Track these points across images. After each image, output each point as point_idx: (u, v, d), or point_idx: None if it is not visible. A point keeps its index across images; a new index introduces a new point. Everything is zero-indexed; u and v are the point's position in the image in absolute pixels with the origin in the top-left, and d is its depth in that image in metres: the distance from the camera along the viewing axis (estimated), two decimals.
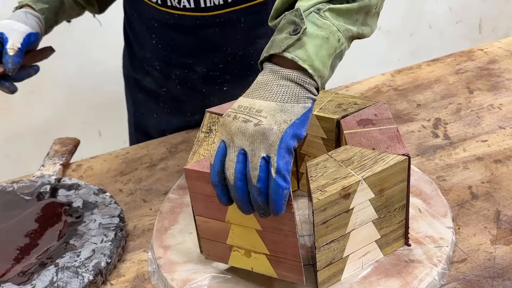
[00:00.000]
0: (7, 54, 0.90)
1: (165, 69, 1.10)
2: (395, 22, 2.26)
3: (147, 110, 1.17)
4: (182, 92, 1.11)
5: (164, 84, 1.12)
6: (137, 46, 1.13)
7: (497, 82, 1.15)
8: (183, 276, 0.77)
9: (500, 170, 0.92)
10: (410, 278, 0.73)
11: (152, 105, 1.16)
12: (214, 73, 1.08)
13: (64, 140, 1.08)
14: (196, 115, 1.13)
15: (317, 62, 0.65)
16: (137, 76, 1.16)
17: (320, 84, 0.66)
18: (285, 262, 0.71)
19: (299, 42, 0.64)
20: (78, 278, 0.78)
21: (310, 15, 0.66)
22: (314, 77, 0.65)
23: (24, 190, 0.95)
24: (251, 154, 0.61)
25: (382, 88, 1.17)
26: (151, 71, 1.12)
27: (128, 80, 1.21)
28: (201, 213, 0.74)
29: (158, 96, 1.14)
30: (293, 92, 0.64)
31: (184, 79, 1.10)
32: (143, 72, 1.14)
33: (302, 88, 0.64)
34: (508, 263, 0.77)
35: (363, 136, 0.78)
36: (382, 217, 0.74)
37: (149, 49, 1.10)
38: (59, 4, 1.02)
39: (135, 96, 1.19)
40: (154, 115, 1.17)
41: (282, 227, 0.68)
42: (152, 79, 1.13)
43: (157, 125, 1.17)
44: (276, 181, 0.61)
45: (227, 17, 1.01)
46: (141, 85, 1.16)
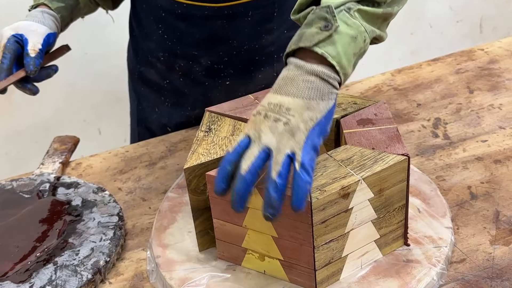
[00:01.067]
0: (28, 55, 0.90)
1: (169, 60, 1.10)
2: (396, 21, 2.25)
3: (149, 104, 1.18)
4: (185, 84, 1.12)
5: (168, 76, 1.12)
6: (142, 37, 1.13)
7: (497, 82, 1.14)
8: (181, 275, 0.77)
9: (499, 170, 0.92)
10: (409, 278, 0.73)
11: (154, 98, 1.16)
12: (218, 66, 1.08)
13: (63, 138, 1.08)
14: (196, 109, 1.13)
15: (344, 60, 0.67)
16: (141, 69, 1.16)
17: (343, 81, 0.68)
18: (298, 269, 0.72)
19: (330, 39, 0.66)
20: (77, 277, 0.78)
21: (341, 13, 0.68)
22: (339, 74, 0.67)
23: (23, 188, 0.95)
24: (276, 151, 0.62)
25: (382, 88, 1.16)
26: (155, 63, 1.13)
27: (132, 73, 1.21)
28: (219, 216, 0.75)
29: (161, 89, 1.15)
30: (318, 88, 0.65)
31: (188, 70, 1.10)
32: (147, 64, 1.14)
33: (326, 84, 0.66)
34: (507, 264, 0.77)
35: (362, 136, 0.78)
36: (381, 217, 0.74)
37: (155, 40, 1.10)
38: (75, 3, 1.02)
39: (138, 89, 1.19)
40: (156, 109, 1.17)
41: (297, 236, 0.70)
42: (155, 71, 1.13)
43: (158, 119, 1.17)
44: (299, 174, 0.61)
45: (235, 10, 1.02)
46: (144, 78, 1.16)
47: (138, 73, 1.17)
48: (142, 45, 1.14)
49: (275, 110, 0.64)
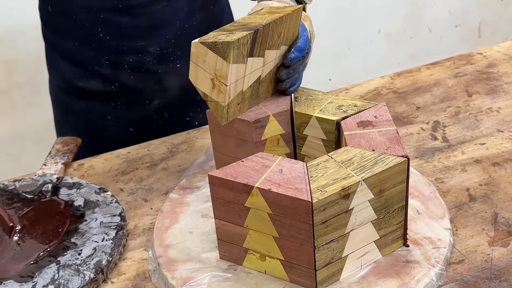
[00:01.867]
0: None
1: (116, 60, 1.09)
2: (395, 25, 2.27)
3: (98, 115, 1.14)
4: (137, 80, 1.10)
5: (116, 78, 1.10)
6: (73, 51, 1.09)
7: (495, 86, 1.16)
8: (183, 275, 0.78)
9: (498, 172, 0.93)
10: (408, 278, 0.74)
11: (102, 108, 1.13)
12: (167, 49, 1.09)
13: (66, 139, 1.09)
14: (154, 101, 1.13)
15: None
16: (79, 84, 1.12)
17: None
18: (299, 269, 0.73)
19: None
20: (79, 276, 0.79)
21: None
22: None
23: (26, 189, 0.96)
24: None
25: (381, 91, 1.18)
26: (98, 71, 1.10)
27: (66, 91, 1.14)
28: (221, 217, 0.76)
29: (108, 96, 1.12)
30: None
31: (138, 64, 1.09)
32: (85, 76, 1.11)
33: None
34: (505, 265, 0.78)
35: (363, 138, 0.78)
36: (381, 218, 0.75)
37: (94, 47, 1.08)
38: None
39: (78, 108, 1.14)
40: (108, 116, 1.14)
41: (298, 236, 0.71)
42: (98, 80, 1.10)
43: (115, 124, 1.14)
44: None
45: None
46: (84, 92, 1.12)
47: (76, 90, 1.12)
48: (75, 59, 1.10)
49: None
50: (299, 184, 0.71)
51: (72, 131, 1.18)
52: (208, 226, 0.85)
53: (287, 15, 0.82)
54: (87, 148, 1.13)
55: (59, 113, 1.21)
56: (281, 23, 0.82)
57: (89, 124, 1.16)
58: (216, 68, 0.77)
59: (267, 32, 0.80)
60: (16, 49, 1.77)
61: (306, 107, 0.87)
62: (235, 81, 0.80)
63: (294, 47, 0.86)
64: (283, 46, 0.85)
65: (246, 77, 0.81)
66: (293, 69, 0.87)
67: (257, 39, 0.79)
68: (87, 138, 1.14)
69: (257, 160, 0.76)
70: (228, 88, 0.78)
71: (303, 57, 0.86)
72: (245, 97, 0.84)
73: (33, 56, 1.79)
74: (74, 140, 1.09)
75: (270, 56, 0.84)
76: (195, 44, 0.78)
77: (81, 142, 1.10)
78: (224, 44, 0.76)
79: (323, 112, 0.85)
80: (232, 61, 0.76)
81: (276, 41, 0.83)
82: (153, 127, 1.16)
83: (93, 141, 1.16)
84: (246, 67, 0.80)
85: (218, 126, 0.87)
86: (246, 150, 0.86)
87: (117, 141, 1.13)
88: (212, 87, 0.80)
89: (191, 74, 0.81)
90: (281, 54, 0.86)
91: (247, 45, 0.78)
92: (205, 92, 0.81)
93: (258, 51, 0.80)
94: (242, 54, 0.78)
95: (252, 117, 0.85)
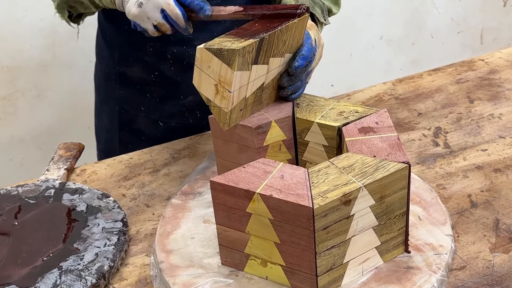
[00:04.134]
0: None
1: (160, 49, 1.10)
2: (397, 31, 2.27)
3: (133, 105, 1.17)
4: (176, 72, 1.11)
5: (157, 67, 1.11)
6: (122, 34, 1.12)
7: (497, 92, 1.16)
8: (184, 280, 0.78)
9: (499, 179, 0.93)
10: (409, 284, 0.74)
11: (139, 98, 1.15)
12: None
13: (68, 145, 1.09)
14: (189, 97, 1.13)
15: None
16: (122, 69, 1.15)
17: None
18: (300, 274, 0.73)
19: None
20: (81, 281, 0.79)
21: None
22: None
23: (28, 194, 0.96)
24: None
25: (383, 97, 1.18)
26: (141, 57, 1.12)
27: (108, 79, 1.18)
28: (222, 222, 0.77)
29: (146, 86, 1.14)
30: None
31: (180, 56, 1.10)
32: (128, 63, 1.13)
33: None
34: (507, 271, 0.78)
35: (364, 144, 0.79)
36: (382, 224, 0.75)
37: (141, 32, 1.07)
38: None
39: (116, 94, 1.17)
40: (141, 107, 1.16)
41: (299, 242, 0.71)
42: (140, 67, 1.12)
43: (147, 116, 1.16)
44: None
45: None
46: (125, 79, 1.15)
47: (117, 75, 1.16)
48: (122, 43, 1.13)
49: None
50: (300, 190, 0.71)
51: (107, 118, 1.21)
52: (210, 231, 0.85)
53: (292, 24, 0.82)
54: (113, 136, 1.18)
55: (99, 99, 1.24)
56: (287, 32, 0.82)
57: (123, 113, 1.18)
58: (220, 75, 0.78)
59: (272, 40, 0.80)
60: (20, 55, 1.78)
61: (308, 113, 0.87)
62: (239, 88, 0.80)
63: (298, 55, 0.86)
64: (287, 53, 0.85)
65: (249, 84, 0.82)
66: (295, 77, 0.87)
67: (263, 47, 0.79)
68: (118, 126, 1.18)
69: (259, 166, 0.76)
70: (231, 94, 0.79)
71: (306, 65, 0.87)
72: (247, 103, 0.84)
73: (37, 62, 1.80)
74: (77, 146, 1.09)
75: (274, 64, 0.84)
76: (200, 50, 0.79)
77: (84, 147, 1.11)
78: (230, 51, 0.76)
79: (324, 118, 0.85)
80: (237, 68, 0.77)
81: (280, 49, 0.83)
82: (183, 124, 1.16)
83: (123, 131, 1.19)
84: (250, 74, 0.80)
85: (220, 132, 0.87)
86: (248, 155, 0.86)
87: (146, 135, 1.16)
88: (216, 92, 0.80)
89: (195, 79, 0.81)
90: (285, 62, 0.86)
91: (252, 52, 0.78)
92: (208, 98, 0.82)
93: (262, 58, 0.81)
94: (247, 61, 0.78)
95: (254, 123, 0.85)
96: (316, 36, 0.91)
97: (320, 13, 0.98)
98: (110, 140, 1.23)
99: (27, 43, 1.77)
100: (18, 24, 1.74)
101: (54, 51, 1.77)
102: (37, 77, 1.81)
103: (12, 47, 1.76)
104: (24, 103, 1.84)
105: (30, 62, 1.80)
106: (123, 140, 1.20)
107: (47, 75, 1.84)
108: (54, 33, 1.75)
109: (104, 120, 1.23)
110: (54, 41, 1.78)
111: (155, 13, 0.88)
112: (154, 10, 0.88)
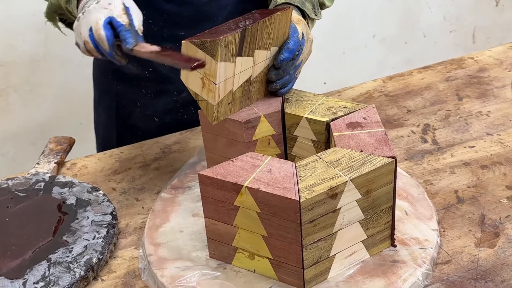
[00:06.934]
0: (137, 33, 0.85)
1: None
2: (390, 30, 2.28)
3: (129, 100, 1.18)
4: (170, 69, 1.12)
5: (150, 64, 1.12)
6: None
7: (486, 90, 1.17)
8: (172, 273, 0.78)
9: (486, 175, 0.94)
10: (395, 278, 0.75)
11: (135, 93, 1.17)
12: None
13: (59, 139, 1.10)
14: (183, 93, 1.14)
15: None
16: (117, 66, 1.10)
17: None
18: (287, 268, 0.74)
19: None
20: (70, 274, 0.80)
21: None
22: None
23: (18, 187, 0.96)
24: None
25: (373, 94, 1.19)
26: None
27: (105, 75, 1.19)
28: (210, 215, 0.77)
29: (141, 81, 1.15)
30: None
31: None
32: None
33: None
34: (491, 266, 0.79)
35: (351, 139, 0.79)
36: (368, 218, 0.76)
37: None
38: None
39: (113, 89, 1.18)
40: (137, 103, 1.17)
41: (286, 235, 0.72)
42: (134, 63, 1.13)
43: (142, 112, 1.17)
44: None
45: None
46: (121, 74, 1.16)
47: (113, 71, 1.17)
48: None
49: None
50: (288, 184, 0.72)
51: (105, 113, 1.23)
52: (199, 225, 0.86)
53: (276, 16, 0.83)
54: (111, 131, 1.19)
55: (97, 94, 1.25)
56: (270, 23, 0.83)
57: (120, 107, 1.19)
58: (205, 67, 0.78)
59: (255, 31, 0.81)
60: (13, 50, 1.78)
61: (297, 108, 0.88)
62: (224, 80, 0.81)
63: (284, 48, 0.86)
64: (273, 47, 0.86)
65: (235, 76, 0.82)
66: (283, 70, 0.88)
67: (246, 38, 0.80)
68: (115, 121, 1.19)
69: (247, 160, 0.77)
70: (217, 86, 0.79)
71: (293, 58, 0.87)
72: (235, 97, 0.85)
73: (29, 57, 1.80)
74: (68, 140, 1.10)
75: (260, 57, 0.85)
76: (185, 44, 0.79)
77: (74, 141, 1.11)
78: (212, 42, 0.77)
79: (313, 113, 0.86)
80: (220, 59, 0.77)
81: (265, 42, 0.84)
82: (178, 120, 1.17)
83: (120, 126, 1.20)
84: (235, 66, 0.81)
85: (209, 126, 0.88)
86: (237, 150, 0.87)
87: (142, 130, 1.17)
88: (202, 86, 0.81)
89: (182, 74, 0.82)
90: (272, 55, 0.87)
91: (235, 43, 0.79)
92: (195, 92, 0.82)
93: (247, 50, 0.81)
94: (230, 52, 0.79)
95: (243, 118, 0.85)
96: (304, 30, 0.91)
97: (310, 9, 0.99)
98: (108, 135, 1.25)
99: (19, 38, 1.77)
100: (10, 20, 1.74)
101: (47, 47, 1.77)
102: (30, 72, 1.81)
103: (5, 42, 1.76)
104: (17, 98, 1.84)
105: (22, 57, 1.80)
106: (120, 135, 1.21)
107: (40, 70, 1.84)
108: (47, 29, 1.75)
109: (102, 115, 1.24)
110: (46, 37, 1.78)
111: (85, 29, 0.86)
112: (86, 26, 0.86)
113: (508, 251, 0.80)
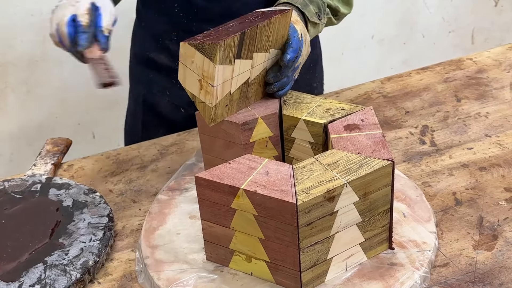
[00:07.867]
0: (103, 33, 0.88)
1: (183, 38, 1.12)
2: (389, 31, 2.28)
3: (160, 88, 1.20)
4: None
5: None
6: (154, 21, 1.15)
7: (484, 91, 1.16)
8: (169, 276, 0.78)
9: (484, 177, 0.94)
10: (392, 281, 0.75)
11: (165, 82, 1.19)
12: None
13: (56, 140, 1.09)
14: None
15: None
16: (151, 55, 1.18)
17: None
18: (284, 270, 0.74)
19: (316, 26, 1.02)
20: (66, 276, 0.79)
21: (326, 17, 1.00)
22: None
23: (15, 189, 0.96)
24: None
25: (371, 95, 1.18)
26: (167, 45, 1.15)
27: (139, 62, 1.22)
28: (207, 218, 0.77)
29: (171, 72, 1.17)
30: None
31: None
32: (156, 49, 1.17)
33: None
34: (489, 268, 0.78)
35: (349, 141, 0.79)
36: (366, 221, 0.76)
37: (167, 20, 1.12)
38: None
39: (147, 76, 1.21)
40: (167, 92, 1.19)
41: (283, 238, 0.72)
42: (167, 54, 1.16)
43: (171, 101, 1.19)
44: None
45: None
46: (154, 63, 1.18)
47: (147, 60, 1.19)
48: (152, 30, 1.17)
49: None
50: (285, 186, 0.72)
51: (134, 99, 1.25)
52: (196, 227, 0.86)
53: (275, 19, 0.82)
54: (137, 117, 1.22)
55: (131, 82, 1.28)
56: (269, 26, 0.82)
57: (149, 96, 1.21)
58: (203, 69, 0.78)
59: (254, 34, 0.81)
60: (10, 51, 1.78)
61: (295, 110, 0.87)
62: (222, 83, 0.80)
63: (288, 48, 0.87)
64: (272, 49, 0.86)
65: (233, 79, 0.82)
66: (281, 73, 0.87)
67: (245, 41, 0.80)
68: (142, 107, 1.22)
69: (244, 162, 0.77)
70: (215, 89, 0.79)
71: (296, 56, 0.87)
72: (233, 99, 0.85)
73: (27, 58, 1.80)
74: (65, 141, 1.09)
75: (258, 59, 0.84)
76: (183, 45, 0.79)
77: (71, 142, 1.10)
78: (211, 45, 0.76)
79: (311, 115, 0.85)
80: (218, 62, 0.77)
81: (264, 44, 0.83)
82: None
83: (146, 113, 1.22)
84: (234, 69, 0.81)
85: (207, 128, 0.87)
86: (234, 152, 0.86)
87: (167, 119, 1.19)
88: (200, 88, 0.80)
89: (180, 75, 0.82)
90: (271, 57, 0.87)
91: (234, 46, 0.78)
92: (193, 93, 0.82)
93: (245, 53, 0.81)
94: (229, 55, 0.79)
95: (241, 119, 0.85)
96: (303, 31, 0.91)
97: (314, 13, 0.98)
98: (134, 122, 1.27)
99: (17, 38, 1.76)
100: (8, 20, 1.74)
101: (45, 47, 1.77)
102: (27, 73, 1.81)
103: (2, 42, 1.76)
104: (14, 99, 1.84)
105: (20, 58, 1.79)
106: (146, 122, 1.23)
107: (37, 71, 1.84)
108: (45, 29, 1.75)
109: (131, 104, 1.28)
110: (44, 37, 1.77)
111: (53, 24, 0.89)
112: (54, 21, 0.89)
113: (507, 254, 0.80)
